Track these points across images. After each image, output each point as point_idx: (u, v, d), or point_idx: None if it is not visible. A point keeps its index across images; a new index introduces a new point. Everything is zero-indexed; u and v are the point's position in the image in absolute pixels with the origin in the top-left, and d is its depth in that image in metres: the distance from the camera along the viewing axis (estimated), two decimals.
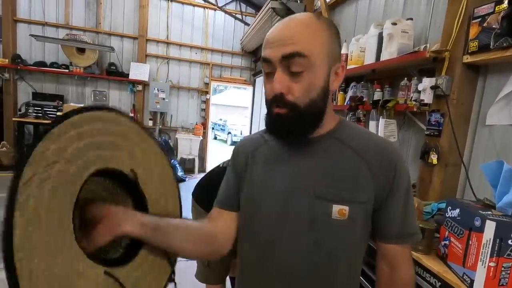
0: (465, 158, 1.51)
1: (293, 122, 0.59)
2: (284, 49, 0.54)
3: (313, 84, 0.57)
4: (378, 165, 0.60)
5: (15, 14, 5.15)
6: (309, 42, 0.55)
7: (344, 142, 0.63)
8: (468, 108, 1.51)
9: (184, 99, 6.23)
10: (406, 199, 0.62)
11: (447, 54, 1.50)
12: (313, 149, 0.63)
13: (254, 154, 0.71)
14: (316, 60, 0.56)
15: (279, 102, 0.57)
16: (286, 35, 0.55)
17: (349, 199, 0.59)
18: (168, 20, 5.87)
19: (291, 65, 0.55)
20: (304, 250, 0.61)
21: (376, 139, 0.64)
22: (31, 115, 5.01)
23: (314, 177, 0.61)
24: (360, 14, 2.68)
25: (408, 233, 0.62)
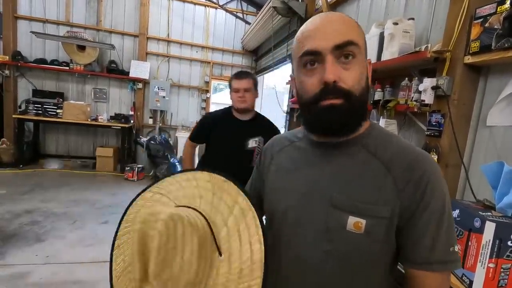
0: (465, 159, 1.50)
1: (349, 113, 0.55)
2: (337, 39, 0.54)
3: (362, 73, 0.57)
4: (406, 179, 0.54)
5: (15, 11, 5.14)
6: (355, 33, 0.56)
7: (372, 151, 0.58)
8: (469, 109, 1.50)
9: (184, 98, 6.22)
10: (439, 220, 0.53)
11: (449, 55, 1.49)
12: (338, 154, 0.60)
13: (278, 155, 0.72)
14: (362, 48, 0.57)
15: (332, 92, 0.54)
16: (334, 27, 0.55)
17: (368, 212, 0.54)
18: (169, 18, 5.86)
19: (343, 54, 0.54)
20: (316, 258, 0.59)
21: (409, 151, 0.57)
22: (31, 112, 5.01)
23: (333, 184, 0.58)
24: (361, 13, 2.67)
25: (438, 260, 0.53)
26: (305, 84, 0.57)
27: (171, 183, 0.62)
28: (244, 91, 1.73)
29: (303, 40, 0.57)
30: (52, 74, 5.41)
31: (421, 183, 0.53)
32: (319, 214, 0.58)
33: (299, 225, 0.61)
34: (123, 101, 5.85)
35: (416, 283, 0.55)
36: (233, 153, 1.76)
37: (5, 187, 4.01)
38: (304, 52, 0.56)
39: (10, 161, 4.94)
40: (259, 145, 1.76)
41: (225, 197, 0.59)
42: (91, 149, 5.76)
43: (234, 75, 1.79)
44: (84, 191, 4.21)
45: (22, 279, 2.14)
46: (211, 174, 0.61)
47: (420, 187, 0.53)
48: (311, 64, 0.56)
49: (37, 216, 3.21)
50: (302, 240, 0.60)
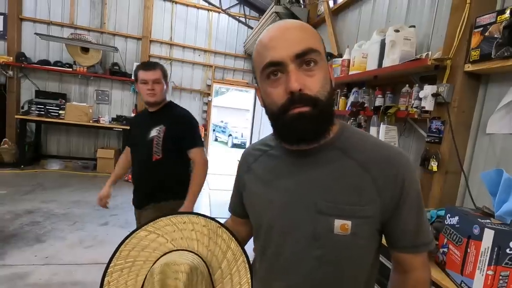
0: (465, 166, 1.51)
1: (318, 119, 0.55)
2: (296, 48, 0.53)
3: (325, 77, 0.56)
4: (384, 177, 0.57)
5: (20, 12, 5.20)
6: (314, 40, 0.56)
7: (347, 153, 0.59)
8: (469, 116, 1.52)
9: (186, 101, 6.25)
10: (417, 208, 0.59)
11: (449, 62, 1.51)
12: (314, 160, 0.60)
13: (253, 165, 0.71)
14: (322, 54, 0.57)
15: (299, 100, 0.53)
16: (293, 35, 0.55)
17: (352, 214, 0.56)
18: (172, 21, 5.91)
19: (305, 62, 0.54)
20: (307, 265, 0.59)
21: (382, 148, 0.60)
22: (34, 113, 5.03)
23: (315, 191, 0.58)
24: (363, 20, 2.70)
25: (422, 243, 0.60)
26: (271, 95, 0.56)
27: (167, 224, 0.65)
28: (153, 83, 1.60)
29: (264, 51, 0.56)
30: (55, 75, 5.45)
31: (398, 178, 0.57)
32: (306, 222, 0.59)
33: (286, 234, 0.61)
34: (125, 103, 5.88)
35: (406, 265, 0.62)
36: (140, 146, 1.67)
37: (6, 187, 4.02)
38: (266, 64, 0.55)
39: (12, 161, 4.96)
40: (159, 134, 1.61)
41: (219, 242, 0.65)
42: (92, 150, 5.78)
43: (141, 66, 1.64)
44: (84, 192, 4.21)
45: (22, 280, 2.14)
46: (207, 220, 0.66)
47: (398, 182, 0.57)
48: (274, 74, 0.56)
49: (37, 216, 3.21)
50: (291, 249, 0.61)
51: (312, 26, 3.32)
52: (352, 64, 2.33)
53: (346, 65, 2.43)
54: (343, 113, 2.53)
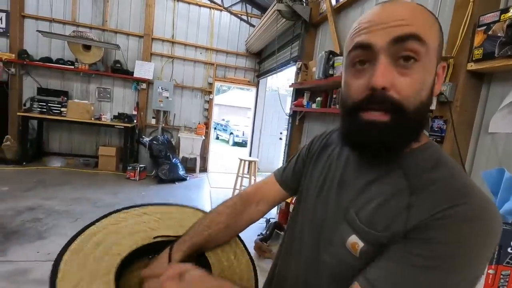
0: (467, 165, 1.51)
1: (395, 132, 0.44)
2: (396, 31, 0.42)
3: (425, 81, 0.44)
4: (425, 208, 0.42)
5: (23, 9, 5.20)
6: (425, 26, 0.43)
7: (407, 172, 0.47)
8: (471, 115, 1.51)
9: (187, 99, 6.25)
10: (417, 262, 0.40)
11: (452, 61, 1.50)
12: (371, 168, 0.52)
13: (320, 153, 0.67)
14: (431, 50, 0.44)
15: (379, 101, 0.43)
16: (398, 15, 0.43)
17: (369, 237, 0.46)
18: (174, 19, 5.91)
19: (402, 52, 0.42)
20: (317, 266, 0.56)
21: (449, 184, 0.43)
22: (36, 110, 5.04)
23: (355, 198, 0.51)
24: None
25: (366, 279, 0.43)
26: (350, 86, 0.48)
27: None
28: None
29: (356, 32, 0.47)
30: (57, 72, 5.46)
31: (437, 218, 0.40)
32: (329, 223, 0.55)
33: (312, 227, 0.60)
34: (127, 100, 5.89)
35: None
36: None
37: (8, 184, 4.04)
38: (353, 45, 0.46)
39: (14, 158, 4.98)
40: None
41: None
42: (93, 148, 5.79)
43: None
44: (86, 189, 4.23)
45: (23, 276, 2.15)
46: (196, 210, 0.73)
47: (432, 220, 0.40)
48: (360, 63, 0.46)
49: (39, 213, 3.23)
50: (309, 243, 0.59)
51: (314, 24, 3.30)
52: None
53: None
54: None
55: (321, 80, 2.83)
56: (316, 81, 2.98)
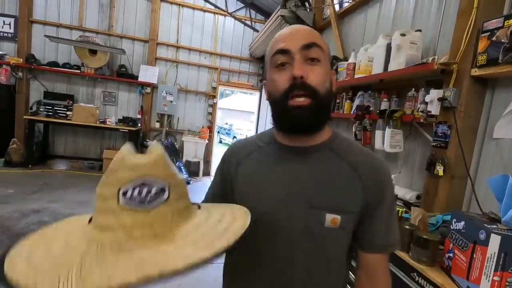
0: (471, 171, 1.50)
1: (315, 112, 0.60)
2: (304, 40, 0.60)
3: (326, 75, 0.62)
4: (370, 180, 0.63)
5: (31, 15, 5.30)
6: (321, 41, 0.63)
7: (340, 155, 0.65)
8: (475, 121, 1.51)
9: (191, 103, 6.29)
10: (390, 212, 0.66)
11: (455, 67, 1.51)
12: (309, 158, 0.65)
13: (246, 160, 0.71)
14: (326, 56, 0.63)
15: (299, 88, 0.59)
16: (302, 32, 0.63)
17: (341, 209, 0.61)
18: (178, 24, 5.97)
19: (310, 54, 0.60)
20: (297, 257, 0.62)
21: (369, 156, 0.67)
22: (42, 114, 5.11)
23: (309, 186, 0.63)
24: (369, 24, 2.70)
25: (390, 244, 0.66)
26: (276, 81, 0.62)
27: None
28: None
29: (274, 44, 0.64)
30: (64, 77, 5.53)
31: (381, 182, 0.64)
32: (299, 216, 0.62)
33: (278, 228, 0.63)
34: (131, 104, 5.94)
35: (370, 265, 0.66)
36: None
37: (14, 186, 4.08)
38: (275, 51, 0.62)
39: (20, 161, 5.03)
40: None
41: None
42: (98, 151, 5.84)
43: None
44: (90, 192, 4.25)
45: None
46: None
47: (381, 186, 0.64)
48: (282, 65, 0.62)
49: (44, 216, 3.25)
50: (282, 242, 0.63)
51: (318, 29, 3.33)
52: (358, 68, 2.33)
53: (351, 68, 2.43)
54: (348, 116, 2.52)
55: None
56: None
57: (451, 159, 1.52)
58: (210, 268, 0.76)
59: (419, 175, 1.88)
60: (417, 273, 1.15)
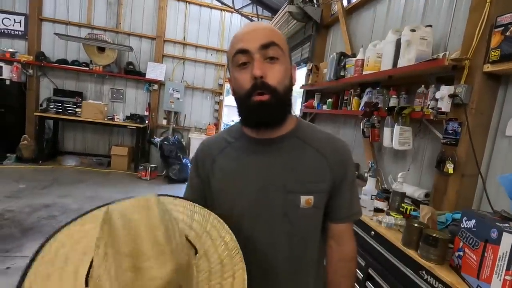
0: (482, 169, 1.48)
1: (276, 109, 0.65)
2: (262, 40, 0.63)
3: (285, 72, 0.66)
4: (335, 160, 0.71)
5: (41, 13, 5.37)
6: (279, 38, 0.66)
7: (306, 141, 0.72)
8: (487, 118, 1.48)
9: (198, 100, 6.31)
10: (352, 185, 0.75)
11: (467, 63, 1.48)
12: (279, 147, 0.70)
13: (219, 157, 0.75)
14: (285, 52, 0.67)
15: (260, 87, 0.62)
16: (261, 31, 0.65)
17: (313, 190, 0.68)
18: (185, 21, 5.98)
19: (268, 53, 0.63)
20: (279, 241, 0.68)
21: (331, 138, 0.74)
22: (52, 111, 5.19)
23: (283, 174, 0.68)
24: (378, 19, 2.66)
25: (354, 212, 0.75)
26: (239, 80, 0.65)
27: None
28: None
29: (234, 43, 0.66)
30: (73, 74, 5.60)
31: (344, 162, 0.72)
32: (277, 202, 0.68)
33: (258, 217, 0.68)
34: (139, 101, 5.99)
35: (338, 234, 0.75)
36: None
37: (25, 181, 4.17)
38: (236, 51, 0.65)
39: (31, 157, 5.13)
40: None
41: (181, 210, 0.62)
42: (106, 147, 5.91)
43: None
44: (98, 188, 4.32)
45: None
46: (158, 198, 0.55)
47: (344, 165, 0.72)
48: (243, 64, 0.65)
49: (54, 210, 3.32)
50: (263, 229, 0.68)
51: (326, 25, 3.31)
52: (366, 64, 2.31)
53: (360, 65, 2.41)
54: (356, 113, 2.50)
55: (332, 82, 2.82)
56: (327, 82, 2.97)
57: (462, 157, 1.49)
58: None
59: (428, 173, 1.85)
60: (426, 271, 1.14)
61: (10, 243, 2.54)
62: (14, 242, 2.55)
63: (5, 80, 4.97)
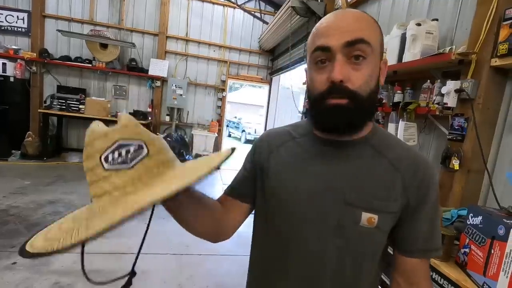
0: (489, 165, 1.45)
1: (354, 114, 0.55)
2: (348, 36, 0.53)
3: (372, 74, 0.56)
4: (412, 178, 0.59)
5: (43, 10, 5.38)
6: (369, 31, 0.55)
7: (380, 151, 0.61)
8: (494, 113, 1.45)
9: (200, 96, 6.31)
10: (434, 214, 0.60)
11: (474, 57, 1.45)
12: (347, 153, 0.61)
13: (279, 149, 0.68)
14: (375, 49, 0.56)
15: (338, 91, 0.54)
16: (348, 24, 0.54)
17: (380, 208, 0.58)
18: (188, 17, 5.96)
19: (354, 52, 0.54)
20: (328, 254, 0.60)
21: (412, 153, 0.62)
22: (55, 107, 5.22)
23: (345, 182, 0.59)
24: (382, 14, 2.63)
25: (433, 249, 0.61)
26: (314, 81, 0.58)
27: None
28: None
29: (315, 36, 0.58)
30: (76, 71, 5.62)
31: (424, 182, 0.59)
32: (332, 212, 0.59)
33: (310, 221, 0.60)
34: (142, 98, 6.00)
35: (410, 271, 0.62)
36: None
37: (30, 178, 4.20)
38: (315, 47, 0.56)
39: (35, 153, 5.17)
40: None
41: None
42: None
43: None
44: None
45: (45, 266, 2.25)
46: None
47: (423, 185, 0.59)
48: (322, 62, 0.56)
49: (59, 207, 3.35)
50: (312, 237, 0.60)
51: None
52: None
53: None
54: None
55: None
56: None
57: (468, 152, 1.47)
58: (223, 259, 0.76)
59: None
60: (431, 268, 1.13)
61: (15, 238, 2.57)
62: (19, 238, 2.57)
63: (9, 77, 5.00)
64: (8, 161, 4.96)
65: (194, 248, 2.76)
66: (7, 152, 5.06)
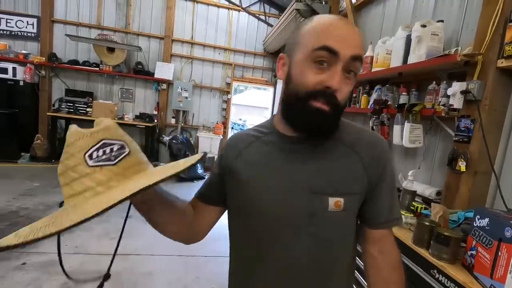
0: (496, 167, 1.44)
1: (332, 121, 0.60)
2: (355, 50, 0.55)
3: (352, 88, 0.61)
4: (369, 157, 0.63)
5: (52, 15, 5.48)
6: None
7: (336, 137, 0.64)
8: (501, 115, 1.44)
9: (206, 98, 6.35)
10: (392, 187, 0.67)
11: (480, 58, 1.44)
12: (306, 145, 0.64)
13: (246, 150, 0.70)
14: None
15: (326, 97, 0.56)
16: (355, 38, 0.57)
17: (344, 191, 0.61)
18: (193, 21, 6.01)
19: (351, 66, 0.56)
20: (304, 244, 0.62)
21: (366, 134, 0.67)
22: (64, 111, 5.30)
23: (310, 173, 0.62)
24: (387, 15, 2.63)
25: (395, 218, 0.67)
26: (307, 77, 0.57)
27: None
28: None
29: (323, 32, 0.56)
30: (84, 74, 5.71)
31: (380, 159, 0.64)
32: (303, 203, 0.61)
33: (283, 217, 0.62)
34: (148, 101, 6.06)
35: (378, 241, 0.67)
36: None
37: (39, 180, 4.27)
38: (323, 46, 0.54)
39: (44, 156, 5.26)
40: None
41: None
42: None
43: None
44: None
45: (54, 267, 2.28)
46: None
47: (380, 163, 0.64)
48: (321, 62, 0.56)
49: None
50: (288, 231, 0.62)
51: None
52: (375, 61, 2.28)
53: (369, 62, 2.38)
54: (365, 111, 2.48)
55: None
56: None
57: (474, 154, 1.46)
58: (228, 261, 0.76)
59: (439, 171, 1.82)
60: (437, 270, 1.13)
61: None
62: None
63: (19, 81, 5.10)
64: (17, 163, 5.05)
65: (199, 250, 2.77)
66: (16, 155, 5.15)
